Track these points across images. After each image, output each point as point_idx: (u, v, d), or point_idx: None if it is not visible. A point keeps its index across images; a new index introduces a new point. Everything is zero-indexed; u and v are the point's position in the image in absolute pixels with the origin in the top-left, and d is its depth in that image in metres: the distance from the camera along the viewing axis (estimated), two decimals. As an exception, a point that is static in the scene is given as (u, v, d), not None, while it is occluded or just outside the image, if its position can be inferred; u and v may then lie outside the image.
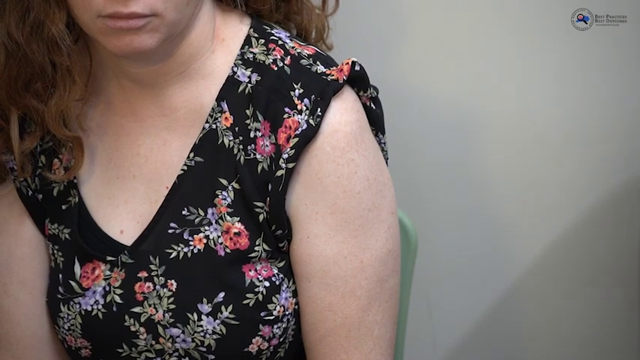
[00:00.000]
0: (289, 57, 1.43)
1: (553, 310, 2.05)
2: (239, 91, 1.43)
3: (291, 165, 1.40)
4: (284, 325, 1.44)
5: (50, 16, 1.35)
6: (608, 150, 1.97)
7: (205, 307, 1.42)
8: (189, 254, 1.43)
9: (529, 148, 2.01)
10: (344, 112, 1.41)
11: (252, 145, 1.41)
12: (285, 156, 1.40)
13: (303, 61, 1.43)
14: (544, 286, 2.07)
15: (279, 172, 1.40)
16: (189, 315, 1.42)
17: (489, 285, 2.05)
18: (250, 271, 1.43)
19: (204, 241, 1.43)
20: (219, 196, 1.42)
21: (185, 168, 1.44)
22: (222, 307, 1.41)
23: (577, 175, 2.01)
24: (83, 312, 1.46)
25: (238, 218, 1.42)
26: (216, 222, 1.42)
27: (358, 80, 1.43)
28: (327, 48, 1.58)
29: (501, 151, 2.03)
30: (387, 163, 1.50)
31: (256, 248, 1.42)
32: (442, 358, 2.08)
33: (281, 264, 1.44)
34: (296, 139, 1.39)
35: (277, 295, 1.43)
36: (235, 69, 1.43)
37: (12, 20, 1.36)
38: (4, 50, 1.38)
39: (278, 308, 1.43)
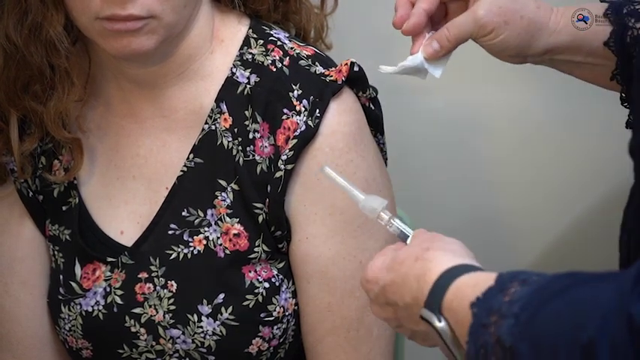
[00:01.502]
0: (288, 58, 1.43)
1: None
2: (238, 92, 1.43)
3: (290, 166, 1.40)
4: (284, 326, 1.44)
5: (48, 19, 1.35)
6: (609, 148, 1.96)
7: (205, 308, 1.42)
8: (189, 255, 1.43)
9: (529, 147, 2.01)
10: (343, 113, 1.41)
11: (251, 147, 1.41)
12: (284, 157, 1.40)
13: (302, 62, 1.43)
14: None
15: (278, 174, 1.40)
16: (190, 316, 1.42)
17: (489, 285, 2.05)
18: (250, 272, 1.43)
19: (204, 242, 1.43)
20: (219, 197, 1.42)
21: (185, 169, 1.44)
22: (222, 308, 1.41)
23: (578, 174, 2.01)
24: (84, 313, 1.46)
25: (238, 219, 1.42)
26: (216, 223, 1.43)
27: (357, 81, 1.43)
28: (326, 47, 1.58)
29: (501, 150, 2.02)
30: (386, 163, 1.50)
31: (256, 249, 1.42)
32: (442, 357, 2.08)
33: (280, 265, 1.44)
34: (295, 141, 1.39)
35: (277, 296, 1.43)
36: (234, 70, 1.43)
37: (10, 22, 1.36)
38: (2, 52, 1.38)
39: (278, 309, 1.43)
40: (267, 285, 1.43)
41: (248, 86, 1.42)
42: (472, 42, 1.39)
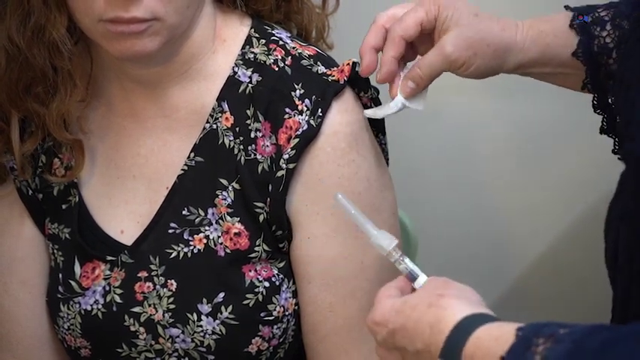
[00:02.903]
0: (290, 57, 1.43)
1: (553, 310, 2.05)
2: (240, 91, 1.43)
3: (291, 165, 1.39)
4: (284, 326, 1.44)
5: (51, 21, 1.35)
6: (609, 149, 1.97)
7: (205, 308, 1.41)
8: (189, 254, 1.43)
9: (529, 147, 2.01)
10: (344, 113, 1.41)
11: (253, 146, 1.41)
12: (285, 156, 1.39)
13: (304, 62, 1.43)
14: (544, 286, 2.07)
15: (280, 173, 1.40)
16: (189, 315, 1.42)
17: (489, 285, 2.05)
18: (250, 271, 1.42)
19: (205, 241, 1.42)
20: (220, 196, 1.42)
21: (185, 168, 1.44)
22: (222, 308, 1.41)
23: (578, 175, 2.01)
24: (83, 311, 1.46)
25: (238, 218, 1.42)
26: (217, 222, 1.42)
27: (359, 81, 1.43)
28: (328, 47, 1.58)
29: (502, 150, 2.03)
30: (387, 163, 1.50)
31: (256, 249, 1.42)
32: None
33: (281, 264, 1.44)
34: (297, 140, 1.39)
35: (277, 296, 1.43)
36: (236, 69, 1.43)
37: (13, 24, 1.36)
38: (4, 54, 1.38)
39: (278, 309, 1.43)
40: (267, 284, 1.43)
41: (250, 85, 1.42)
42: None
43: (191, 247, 1.43)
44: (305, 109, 1.40)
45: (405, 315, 1.12)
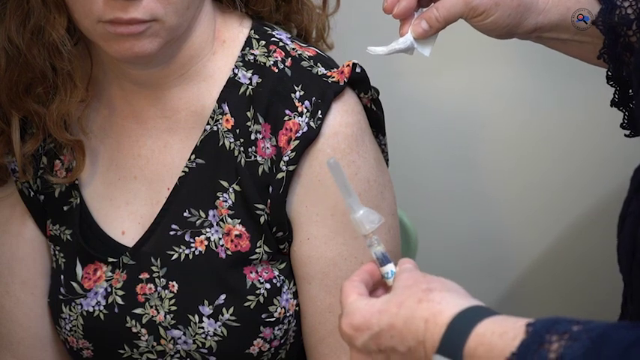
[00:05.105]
0: (290, 59, 1.43)
1: (553, 310, 2.05)
2: (240, 92, 1.43)
3: (291, 167, 1.40)
4: (285, 327, 1.44)
5: (51, 22, 1.35)
6: (609, 150, 1.97)
7: (206, 309, 1.42)
8: (190, 256, 1.43)
9: (529, 148, 2.01)
10: (344, 114, 1.41)
11: (253, 147, 1.41)
12: (285, 158, 1.40)
13: (304, 63, 1.43)
14: (544, 286, 2.07)
15: (280, 175, 1.40)
16: (191, 317, 1.42)
17: (489, 285, 2.05)
18: (251, 273, 1.43)
19: (206, 242, 1.43)
20: (220, 198, 1.42)
21: (186, 170, 1.44)
22: (224, 309, 1.41)
23: (577, 176, 2.01)
24: (85, 313, 1.46)
25: (239, 220, 1.42)
26: (217, 224, 1.42)
27: (359, 82, 1.43)
28: (328, 47, 1.58)
29: (502, 151, 2.03)
30: (387, 164, 1.50)
31: (257, 250, 1.42)
32: (443, 357, 2.08)
33: (282, 266, 1.44)
34: (297, 142, 1.39)
35: (278, 297, 1.43)
36: (236, 71, 1.43)
37: (12, 25, 1.36)
38: (4, 55, 1.38)
39: (279, 310, 1.43)
40: (268, 286, 1.43)
41: (250, 87, 1.42)
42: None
43: (192, 249, 1.43)
44: (305, 110, 1.40)
45: (390, 313, 1.06)
